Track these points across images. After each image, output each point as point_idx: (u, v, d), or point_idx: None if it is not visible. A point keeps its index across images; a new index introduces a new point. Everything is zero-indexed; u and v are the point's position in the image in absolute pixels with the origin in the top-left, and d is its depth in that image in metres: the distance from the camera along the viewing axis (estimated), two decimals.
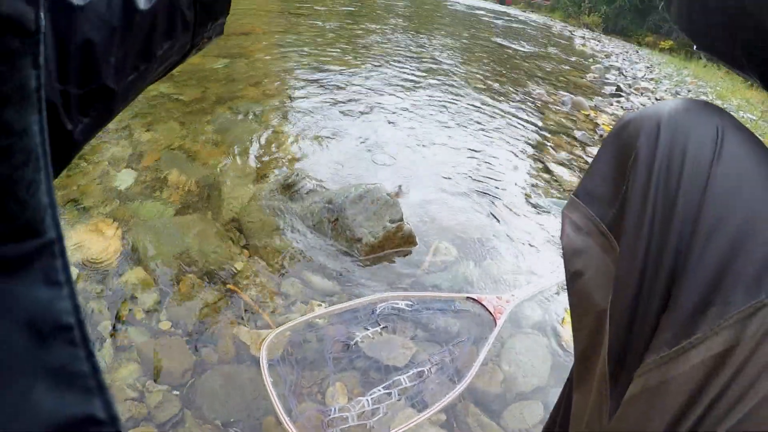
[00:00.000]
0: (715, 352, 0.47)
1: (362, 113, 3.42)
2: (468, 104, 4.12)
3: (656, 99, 6.36)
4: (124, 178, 2.24)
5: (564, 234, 0.70)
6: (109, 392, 0.23)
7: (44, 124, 0.24)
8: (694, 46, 0.50)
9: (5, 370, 0.21)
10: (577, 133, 3.87)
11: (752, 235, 0.49)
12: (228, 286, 1.67)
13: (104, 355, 1.39)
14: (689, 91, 7.57)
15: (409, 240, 1.97)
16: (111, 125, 2.76)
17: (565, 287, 0.66)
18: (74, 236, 1.79)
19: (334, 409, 1.30)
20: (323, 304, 1.65)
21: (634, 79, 7.74)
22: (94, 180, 2.20)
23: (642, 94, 6.63)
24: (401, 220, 1.96)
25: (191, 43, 0.65)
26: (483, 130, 3.55)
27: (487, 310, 1.69)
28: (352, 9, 9.47)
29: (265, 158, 2.59)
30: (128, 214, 1.99)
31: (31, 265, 0.23)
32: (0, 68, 0.22)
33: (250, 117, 3.14)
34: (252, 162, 2.53)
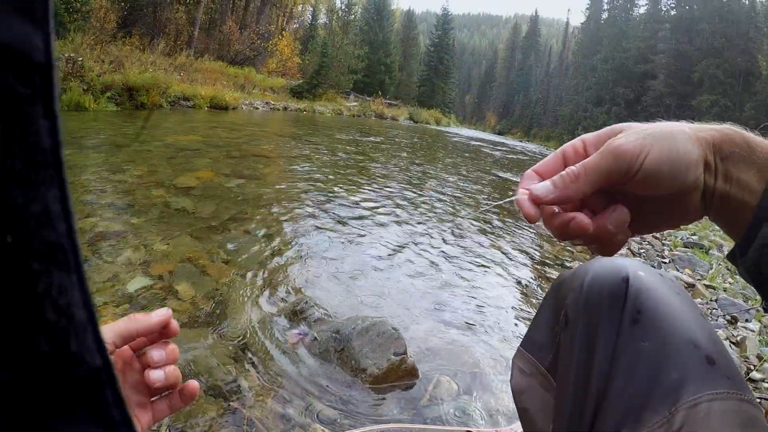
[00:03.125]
0: None
1: (367, 244, 3.56)
2: (467, 237, 4.27)
3: None
4: (136, 284, 2.34)
5: (512, 377, 0.84)
6: None
7: (69, 203, 0.18)
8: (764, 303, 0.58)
9: None
10: (574, 264, 3.95)
11: (658, 369, 0.62)
12: (232, 403, 1.72)
13: None
14: None
15: (411, 372, 2.04)
16: (127, 229, 2.88)
17: None
18: None
19: None
20: (326, 431, 1.69)
21: None
22: (107, 280, 2.29)
23: None
24: (405, 353, 2.03)
25: None
26: (483, 263, 3.67)
27: None
28: (360, 138, 9.81)
29: (274, 281, 2.69)
30: None
31: (77, 401, 0.19)
32: (1, 125, 0.17)
33: (260, 238, 3.28)
34: (261, 283, 2.63)
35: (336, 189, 5.18)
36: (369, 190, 5.47)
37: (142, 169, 4.68)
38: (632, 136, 0.54)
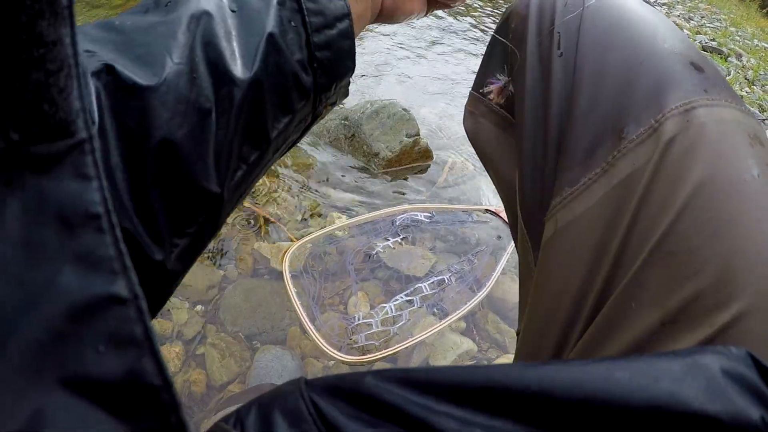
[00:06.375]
0: (617, 181, 0.49)
1: (372, 35, 3.35)
2: (482, 26, 4.03)
3: None
4: None
5: (464, 121, 0.74)
6: (134, 274, 0.24)
7: (75, 38, 0.23)
8: None
9: (33, 259, 0.22)
10: None
11: (632, 72, 0.51)
12: (245, 203, 1.68)
13: None
14: (702, 17, 7.38)
15: (425, 154, 1.97)
16: None
17: None
18: None
19: (358, 316, 1.33)
20: (342, 217, 1.66)
21: (647, 1, 7.50)
22: None
23: None
24: (417, 134, 1.95)
25: (312, 114, 0.51)
26: None
27: (506, 222, 1.70)
28: None
29: None
30: None
31: (61, 162, 0.23)
32: None
33: None
34: None
35: None
36: None
37: None
38: None
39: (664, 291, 0.45)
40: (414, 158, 1.95)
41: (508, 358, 1.33)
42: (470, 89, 0.73)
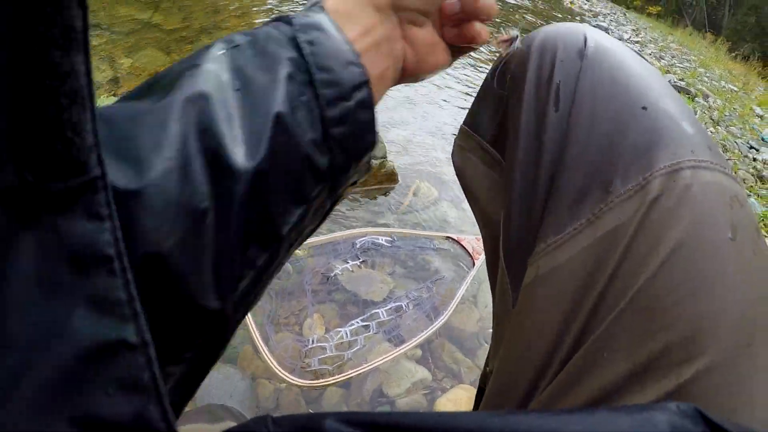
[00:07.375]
0: (602, 234, 0.50)
1: None
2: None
3: None
4: (103, 103, 2.18)
5: (452, 155, 0.75)
6: (144, 319, 0.25)
7: (90, 65, 0.23)
8: None
9: (48, 298, 0.22)
10: None
11: (623, 127, 0.52)
12: None
13: None
14: (673, 56, 7.58)
15: (391, 177, 1.97)
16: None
17: None
18: None
19: (313, 339, 1.31)
20: None
21: (620, 40, 7.70)
22: None
23: None
24: (384, 156, 1.94)
25: (331, 200, 0.45)
26: (465, 81, 3.51)
27: (466, 250, 1.70)
28: None
29: None
30: None
31: (75, 200, 0.24)
32: (46, 9, 0.21)
33: None
34: None
35: None
36: None
37: None
38: None
39: (636, 343, 0.45)
40: (379, 180, 1.94)
41: (463, 388, 1.32)
42: (461, 124, 0.73)
